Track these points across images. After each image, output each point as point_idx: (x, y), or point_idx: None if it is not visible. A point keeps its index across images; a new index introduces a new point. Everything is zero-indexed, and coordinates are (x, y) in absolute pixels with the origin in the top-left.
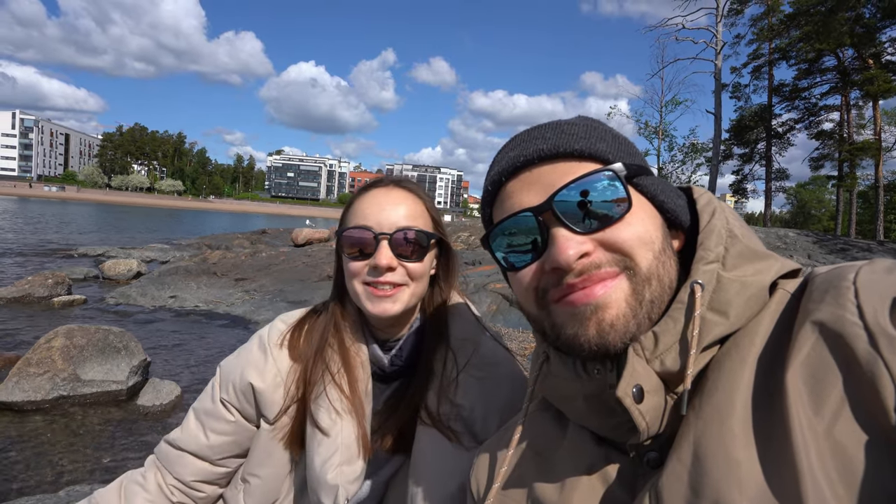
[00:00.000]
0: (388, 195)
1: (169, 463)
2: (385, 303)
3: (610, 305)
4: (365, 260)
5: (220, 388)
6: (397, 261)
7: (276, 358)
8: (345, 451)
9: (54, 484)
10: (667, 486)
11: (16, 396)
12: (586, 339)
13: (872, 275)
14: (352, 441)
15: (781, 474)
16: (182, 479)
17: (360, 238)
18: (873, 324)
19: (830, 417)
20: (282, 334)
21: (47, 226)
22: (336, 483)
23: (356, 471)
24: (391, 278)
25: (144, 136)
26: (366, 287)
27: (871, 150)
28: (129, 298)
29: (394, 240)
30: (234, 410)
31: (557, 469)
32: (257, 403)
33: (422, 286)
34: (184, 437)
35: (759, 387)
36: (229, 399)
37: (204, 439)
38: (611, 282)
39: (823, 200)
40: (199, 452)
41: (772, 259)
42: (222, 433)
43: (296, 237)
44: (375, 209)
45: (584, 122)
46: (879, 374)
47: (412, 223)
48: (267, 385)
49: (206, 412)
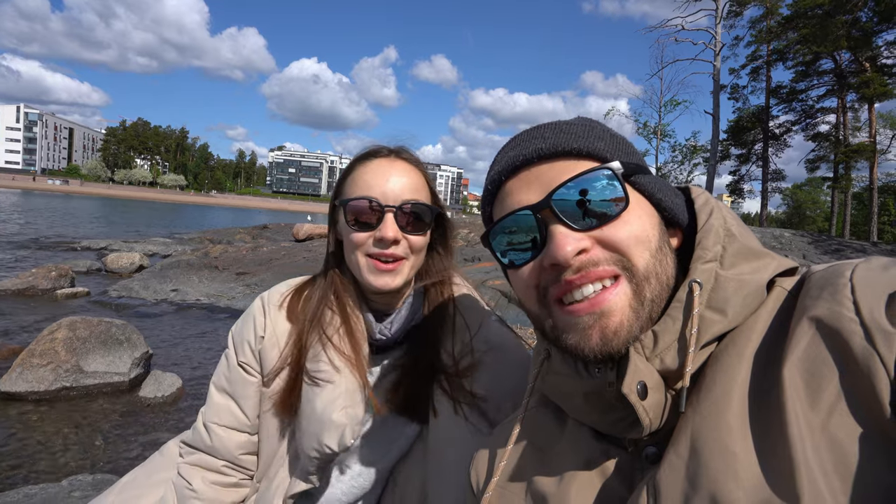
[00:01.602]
0: (392, 166)
1: (212, 448)
2: (386, 276)
3: (614, 313)
4: (369, 231)
5: (237, 353)
6: (401, 234)
7: (273, 318)
8: (348, 397)
9: (58, 473)
10: (664, 479)
11: (20, 387)
12: (590, 349)
13: (868, 272)
14: (355, 388)
15: (777, 467)
16: (230, 455)
17: (365, 209)
18: (869, 319)
19: (826, 411)
20: (282, 296)
21: (51, 219)
22: (343, 422)
23: (359, 413)
24: (395, 251)
25: (147, 131)
26: (368, 260)
27: (866, 152)
28: (132, 291)
29: (399, 213)
30: (254, 371)
31: (556, 463)
32: (261, 360)
33: (420, 258)
34: (215, 413)
35: (756, 382)
36: (247, 361)
37: (237, 409)
38: (612, 289)
39: (819, 202)
40: (236, 424)
41: (769, 257)
42: (249, 397)
43: (297, 232)
44: (381, 180)
45: (582, 122)
46: (875, 368)
47: (416, 196)
48: (264, 343)
49: (229, 381)
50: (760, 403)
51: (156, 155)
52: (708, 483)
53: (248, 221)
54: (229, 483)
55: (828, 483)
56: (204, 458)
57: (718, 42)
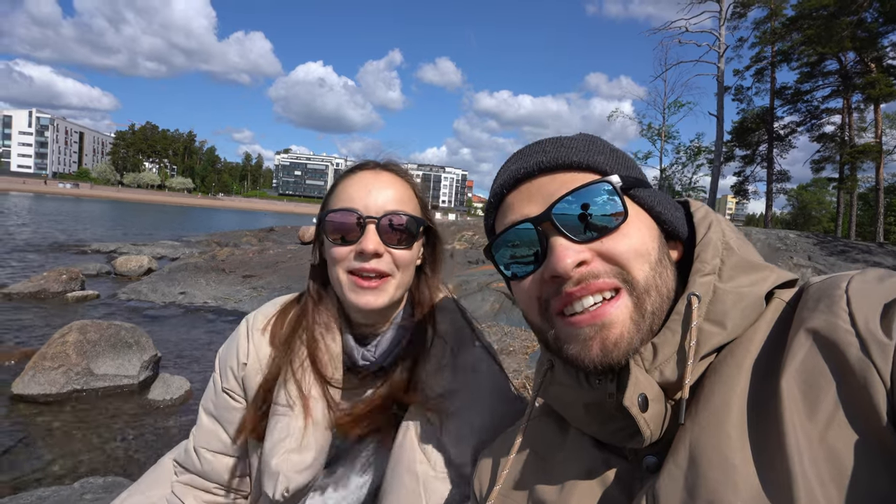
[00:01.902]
0: (375, 178)
1: (203, 472)
2: (369, 295)
3: (615, 325)
4: (349, 246)
5: (221, 379)
6: (384, 247)
7: (256, 343)
8: (296, 439)
9: (70, 475)
10: (663, 488)
11: (32, 389)
12: (590, 360)
13: (864, 284)
14: (306, 427)
15: (775, 479)
16: (220, 479)
17: (345, 222)
18: (865, 331)
19: (824, 423)
20: (267, 319)
21: (62, 222)
22: (278, 470)
23: (305, 461)
24: (377, 265)
25: (156, 135)
26: (350, 277)
27: (871, 152)
28: (141, 294)
29: (381, 224)
30: (238, 397)
31: (557, 472)
32: (244, 386)
33: (408, 276)
34: (203, 437)
35: (755, 393)
36: (230, 388)
37: (224, 434)
38: (614, 301)
39: (824, 202)
40: (224, 449)
41: (767, 270)
42: (235, 422)
43: (303, 235)
44: (362, 192)
45: (583, 137)
46: (871, 379)
47: (401, 207)
48: (247, 370)
49: (215, 406)
50: (759, 414)
51: (164, 158)
52: (706, 493)
53: (254, 224)
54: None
55: (825, 493)
56: (196, 480)
57: (722, 44)
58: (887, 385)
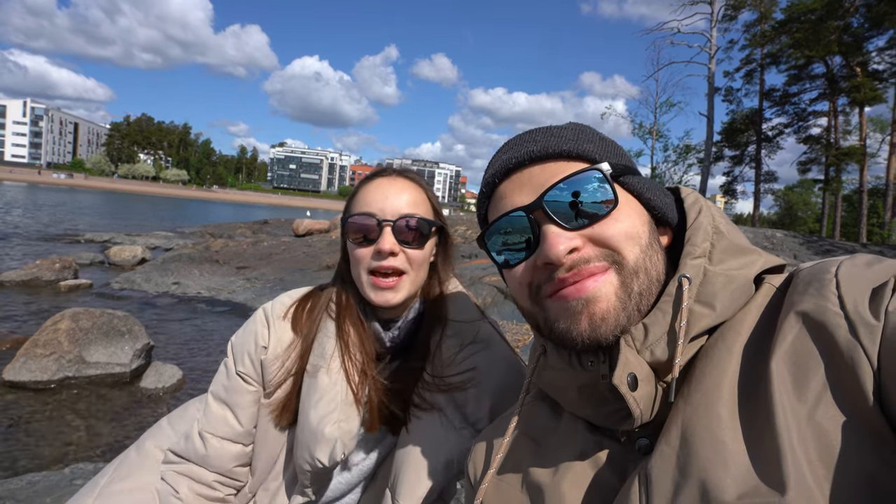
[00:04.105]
0: (391, 184)
1: (205, 458)
2: (387, 293)
3: (600, 299)
4: (369, 246)
5: (236, 363)
6: (399, 246)
7: (277, 329)
8: (343, 409)
9: (60, 462)
10: (656, 468)
11: (23, 376)
12: (578, 333)
13: (853, 268)
14: (351, 401)
15: (765, 455)
16: (223, 468)
17: (365, 224)
18: (853, 313)
19: (812, 402)
20: (286, 308)
21: (55, 212)
22: (334, 437)
23: (353, 429)
24: (393, 263)
25: (151, 127)
26: (370, 277)
27: (856, 155)
28: (134, 284)
29: (397, 226)
30: (253, 381)
31: (551, 455)
32: (262, 372)
33: (422, 274)
34: (211, 423)
35: (745, 374)
36: (246, 371)
37: (233, 420)
38: (600, 276)
39: (810, 203)
40: (232, 435)
41: (755, 254)
42: (246, 406)
43: (296, 227)
44: (380, 197)
45: (572, 126)
46: (859, 360)
47: (414, 211)
48: (267, 355)
49: (227, 390)
50: (749, 395)
51: (159, 150)
52: (698, 471)
53: (248, 216)
54: (216, 498)
55: (812, 470)
56: (193, 470)
57: (713, 45)
58: (874, 366)
